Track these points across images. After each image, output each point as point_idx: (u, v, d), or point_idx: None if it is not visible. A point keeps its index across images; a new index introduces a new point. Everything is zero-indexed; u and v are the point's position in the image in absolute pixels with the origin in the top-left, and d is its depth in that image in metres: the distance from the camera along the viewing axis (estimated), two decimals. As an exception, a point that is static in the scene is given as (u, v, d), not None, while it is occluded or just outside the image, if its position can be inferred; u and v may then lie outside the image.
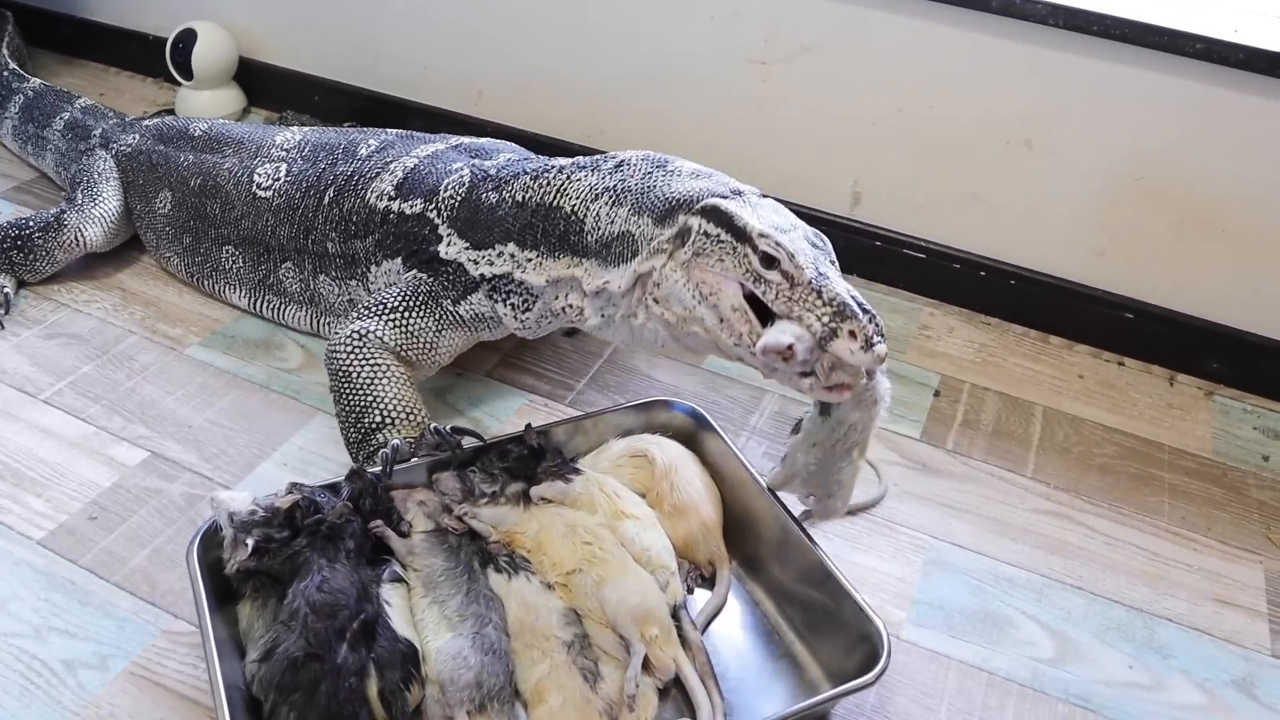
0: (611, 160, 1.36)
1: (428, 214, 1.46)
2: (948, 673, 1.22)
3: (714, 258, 1.16)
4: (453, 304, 1.43)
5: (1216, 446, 1.62)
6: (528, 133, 2.10)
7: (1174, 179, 1.65)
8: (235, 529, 1.14)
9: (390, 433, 1.33)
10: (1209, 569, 1.39)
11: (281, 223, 1.60)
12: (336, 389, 1.37)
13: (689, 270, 1.19)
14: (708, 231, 1.17)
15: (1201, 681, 1.24)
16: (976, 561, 1.37)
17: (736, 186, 1.25)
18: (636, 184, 1.29)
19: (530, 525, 1.24)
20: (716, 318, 1.17)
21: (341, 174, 1.57)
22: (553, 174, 1.38)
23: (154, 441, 1.45)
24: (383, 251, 1.50)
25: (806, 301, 1.08)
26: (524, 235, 1.38)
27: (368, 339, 1.38)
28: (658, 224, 1.24)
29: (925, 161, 1.81)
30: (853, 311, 1.06)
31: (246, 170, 1.65)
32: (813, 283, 1.09)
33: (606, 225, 1.30)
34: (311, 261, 1.59)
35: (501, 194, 1.41)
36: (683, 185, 1.25)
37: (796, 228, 1.17)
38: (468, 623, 1.13)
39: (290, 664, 1.03)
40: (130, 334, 1.66)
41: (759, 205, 1.21)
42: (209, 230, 1.69)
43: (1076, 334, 1.83)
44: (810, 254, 1.12)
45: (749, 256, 1.13)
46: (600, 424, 1.39)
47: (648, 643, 1.13)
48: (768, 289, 1.12)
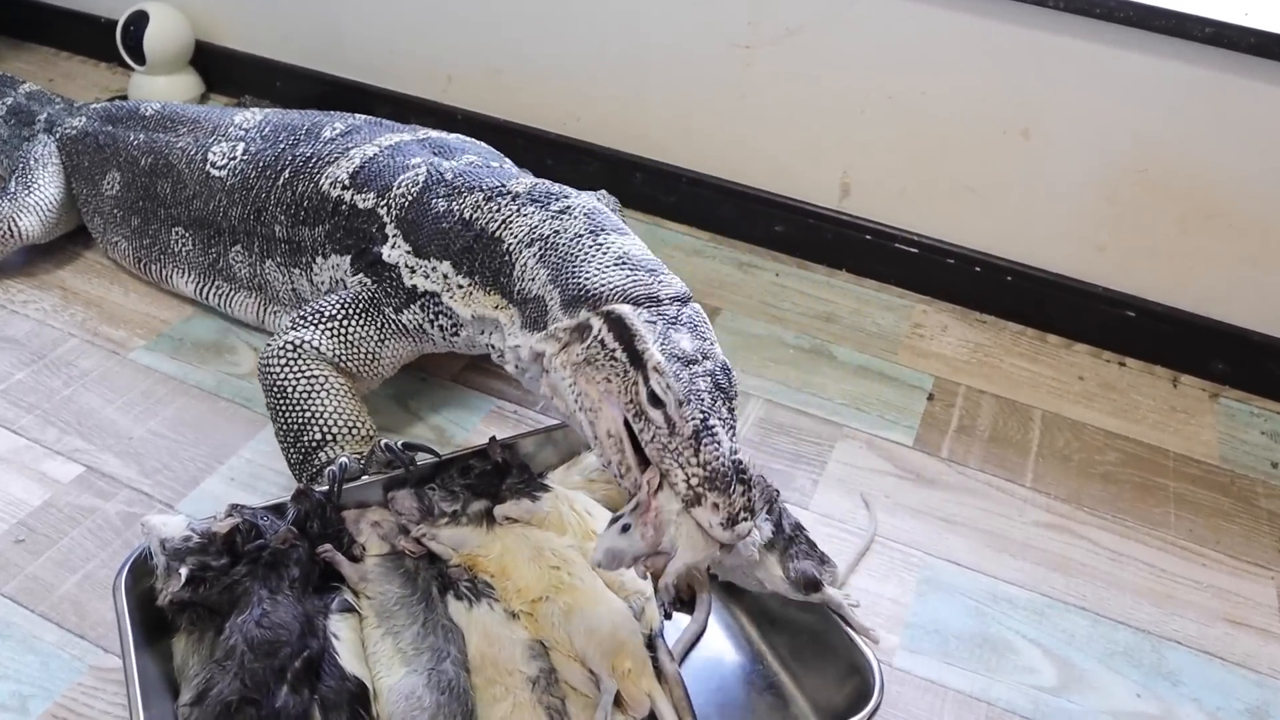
0: (560, 202, 1.24)
1: (378, 210, 1.36)
2: (944, 704, 1.13)
3: (602, 373, 1.05)
4: (394, 311, 1.32)
5: (1223, 452, 1.54)
6: (499, 120, 2.00)
7: (1179, 171, 1.57)
8: (168, 557, 1.04)
9: (333, 450, 1.23)
10: (1219, 586, 1.31)
11: (234, 203, 1.50)
12: (272, 405, 1.27)
13: (575, 373, 1.07)
14: (604, 341, 1.05)
15: (1214, 710, 1.16)
16: (974, 580, 1.28)
17: (660, 292, 1.09)
18: (565, 246, 1.16)
19: (494, 547, 1.15)
20: (591, 434, 1.07)
21: (301, 155, 1.47)
22: (505, 201, 1.26)
23: (91, 455, 1.35)
24: (331, 244, 1.40)
25: (680, 456, 0.97)
26: (461, 258, 1.27)
27: (303, 350, 1.27)
28: (563, 308, 1.11)
29: (917, 151, 1.72)
30: (725, 483, 0.95)
31: (201, 149, 1.55)
32: (692, 438, 0.97)
33: (529, 281, 1.18)
34: (260, 244, 1.49)
35: (450, 204, 1.30)
36: (601, 274, 1.11)
37: (707, 359, 1.04)
38: (423, 657, 1.04)
39: (224, 709, 0.94)
40: (70, 337, 1.55)
41: (673, 324, 1.06)
42: (158, 211, 1.59)
43: (1075, 332, 1.75)
44: (706, 401, 0.99)
45: (638, 386, 1.01)
46: (571, 435, 1.30)
47: (620, 677, 1.04)
48: (646, 428, 1.00)
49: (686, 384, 0.99)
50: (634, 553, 0.98)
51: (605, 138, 1.93)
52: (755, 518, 0.98)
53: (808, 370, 1.61)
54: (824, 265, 1.87)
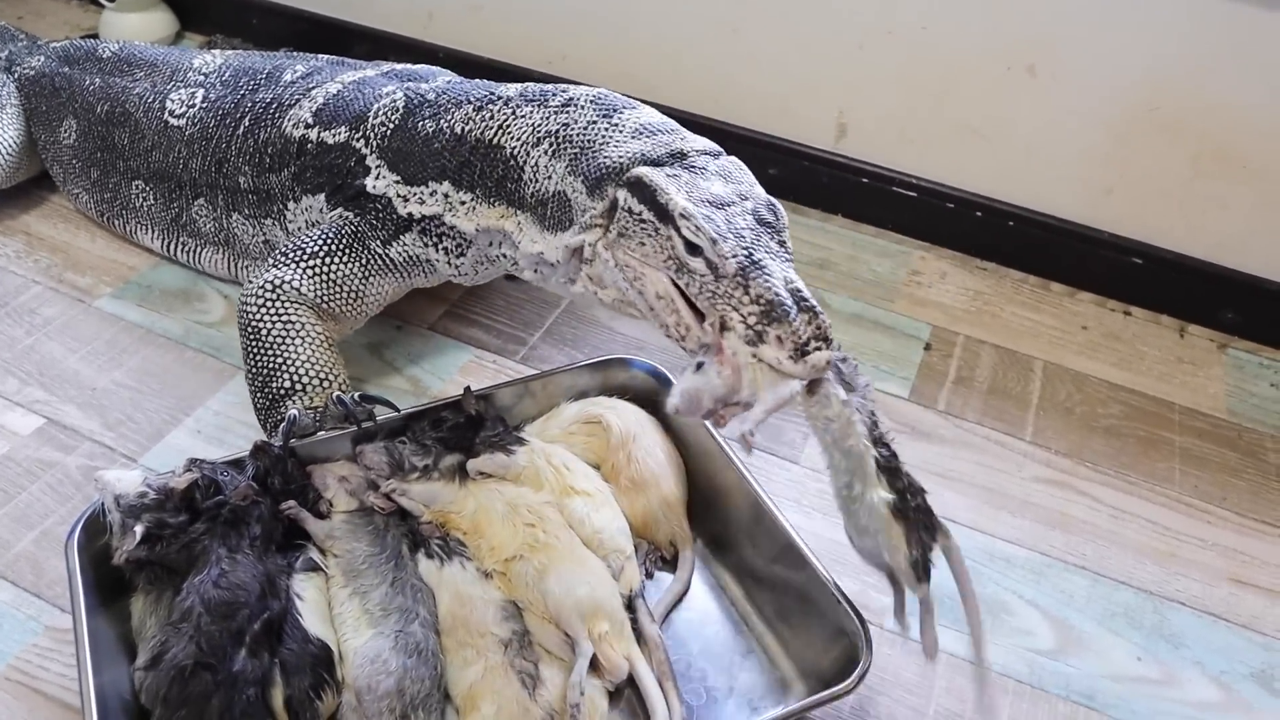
0: (561, 96, 1.18)
1: (353, 142, 1.29)
2: (936, 668, 1.09)
3: (636, 240, 1.02)
4: (381, 245, 1.27)
5: (1230, 405, 1.48)
6: (482, 59, 1.91)
7: (1192, 109, 1.49)
8: (123, 513, 0.99)
9: (301, 399, 1.17)
10: (1224, 544, 1.26)
11: (194, 155, 1.43)
12: (246, 347, 1.21)
13: (613, 251, 1.05)
14: (632, 209, 1.02)
15: (1217, 675, 1.11)
16: (970, 538, 1.23)
17: (681, 147, 1.06)
18: (578, 136, 1.12)
19: (467, 504, 1.10)
20: (645, 304, 1.03)
21: (260, 101, 1.40)
22: (497, 106, 1.21)
23: (51, 406, 1.29)
24: (301, 186, 1.34)
25: (732, 298, 0.93)
26: (460, 174, 1.21)
27: (283, 290, 1.22)
28: (589, 193, 1.08)
29: (917, 89, 1.64)
30: (784, 313, 0.89)
31: (159, 96, 1.48)
32: (738, 274, 0.93)
33: (544, 180, 1.14)
34: (224, 198, 1.42)
35: (439, 124, 1.23)
36: (619, 148, 1.07)
37: (744, 200, 1.00)
38: (391, 618, 1.00)
39: (178, 673, 0.90)
40: (34, 284, 1.49)
41: (700, 173, 1.03)
42: (117, 163, 1.51)
43: (1080, 280, 1.68)
44: (747, 237, 0.95)
45: (672, 240, 0.97)
46: (550, 385, 1.24)
47: (596, 640, 0.99)
48: (691, 280, 0.97)
49: (721, 224, 0.95)
50: (712, 393, 0.91)
51: (592, 76, 1.85)
52: (830, 346, 0.90)
53: (801, 319, 1.55)
54: (819, 209, 1.80)
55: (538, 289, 1.54)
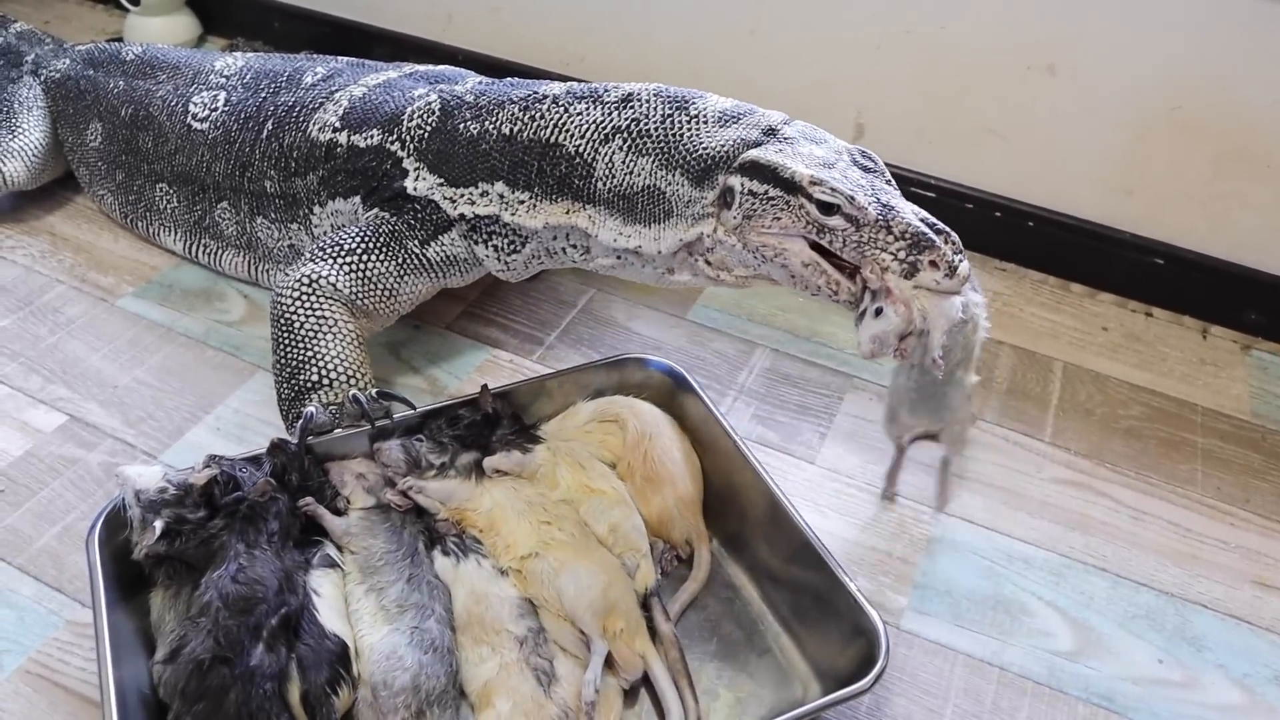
0: (616, 92, 1.19)
1: (387, 145, 1.30)
2: (954, 669, 1.08)
3: (768, 217, 1.05)
4: (419, 245, 1.28)
5: (1254, 407, 1.47)
6: (501, 60, 1.92)
7: (1214, 108, 1.48)
8: (143, 509, 1.00)
9: (327, 394, 1.18)
10: (1248, 547, 1.25)
11: (217, 158, 1.44)
12: (276, 338, 1.22)
13: (743, 235, 1.08)
14: (754, 190, 1.06)
15: (1240, 678, 1.10)
16: (988, 539, 1.22)
17: (767, 123, 1.11)
18: (657, 130, 1.14)
19: (483, 501, 1.10)
20: (788, 275, 1.08)
21: (283, 104, 1.41)
22: (546, 105, 1.22)
23: (74, 404, 1.30)
24: (328, 190, 1.34)
25: (878, 241, 1.00)
26: (515, 174, 1.22)
27: (319, 285, 1.22)
28: (695, 185, 1.11)
29: (936, 89, 1.63)
30: (929, 240, 0.98)
31: (181, 99, 1.49)
32: (879, 219, 1.00)
33: (624, 175, 1.15)
34: (248, 201, 1.43)
35: (484, 125, 1.24)
36: (714, 138, 1.11)
37: (841, 155, 1.07)
38: (407, 615, 1.00)
39: (196, 667, 0.90)
40: (58, 283, 1.51)
41: (797, 142, 1.08)
42: (141, 166, 1.53)
43: (1101, 281, 1.67)
44: (866, 185, 1.03)
45: (805, 208, 1.02)
46: (566, 384, 1.24)
47: (611, 638, 0.99)
48: (834, 238, 1.02)
49: (845, 181, 1.01)
50: (896, 331, 0.98)
51: (610, 77, 1.83)
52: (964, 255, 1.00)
53: (817, 319, 1.55)
54: (838, 211, 1.80)
55: (553, 289, 1.55)
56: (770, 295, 1.58)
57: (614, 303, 1.54)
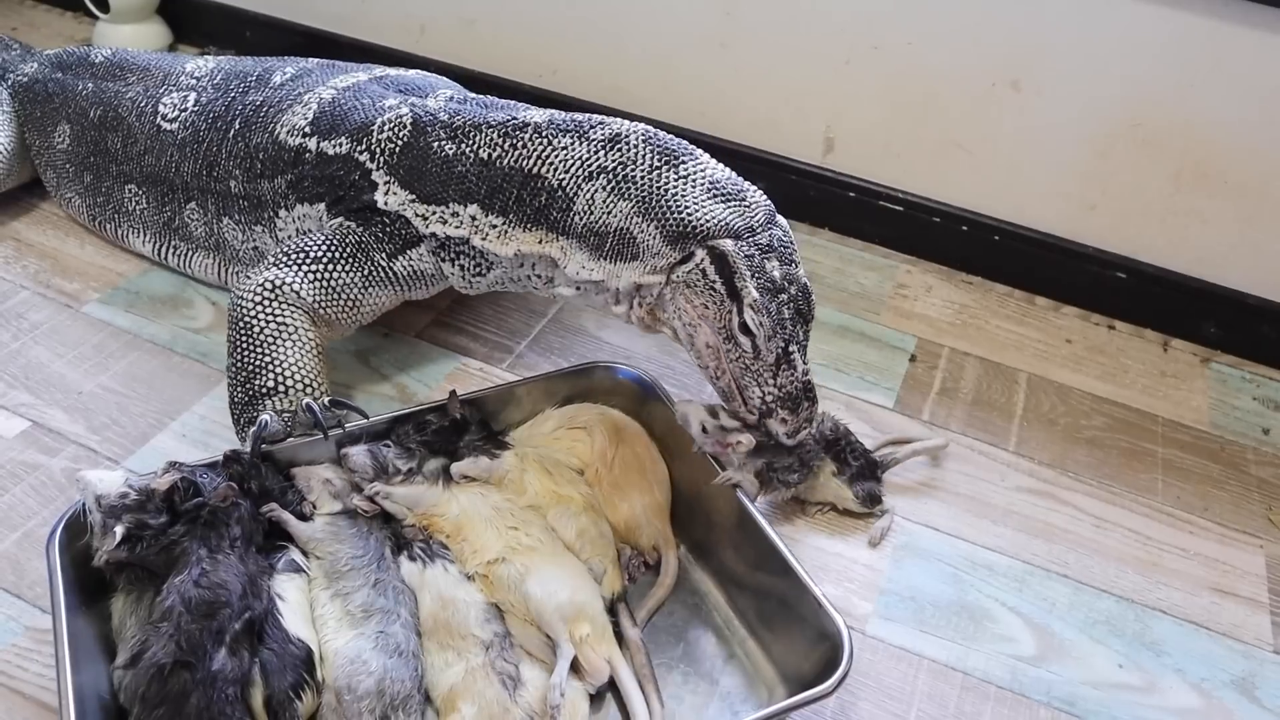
0: (602, 130, 1.19)
1: (355, 156, 1.29)
2: (918, 673, 1.09)
3: (701, 298, 1.12)
4: (386, 259, 1.27)
5: (1214, 418, 1.49)
6: (473, 71, 1.93)
7: (1174, 125, 1.51)
8: (104, 514, 0.99)
9: (281, 401, 1.17)
10: (1206, 554, 1.27)
11: (186, 158, 1.43)
12: (234, 341, 1.21)
13: (674, 292, 1.14)
14: (706, 272, 1.11)
15: (1198, 682, 1.12)
16: (953, 546, 1.23)
17: (754, 219, 1.13)
18: (643, 179, 1.15)
19: (450, 507, 1.10)
20: (688, 340, 1.17)
21: (251, 104, 1.40)
22: (528, 135, 1.21)
23: (37, 410, 1.29)
24: (296, 194, 1.34)
25: (760, 377, 1.11)
26: (491, 199, 1.22)
27: (281, 291, 1.21)
28: (667, 242, 1.13)
29: (903, 104, 1.66)
30: (794, 403, 1.11)
31: (151, 100, 1.48)
32: (773, 365, 1.10)
33: (602, 214, 1.16)
34: (215, 202, 1.42)
35: (461, 147, 1.24)
36: (701, 209, 1.12)
37: (792, 285, 1.12)
38: (372, 620, 0.99)
39: (157, 672, 0.89)
40: (21, 289, 1.49)
41: (768, 253, 1.11)
42: (110, 167, 1.52)
43: (1064, 294, 1.69)
44: (787, 329, 1.10)
45: (732, 315, 1.10)
46: (535, 391, 1.25)
47: (578, 642, 0.99)
48: (732, 349, 1.12)
49: (774, 315, 1.09)
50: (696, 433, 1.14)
51: (582, 90, 1.87)
52: (813, 426, 1.14)
53: (787, 330, 1.56)
54: (806, 223, 1.81)
55: (523, 298, 1.55)
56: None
57: (584, 312, 1.55)
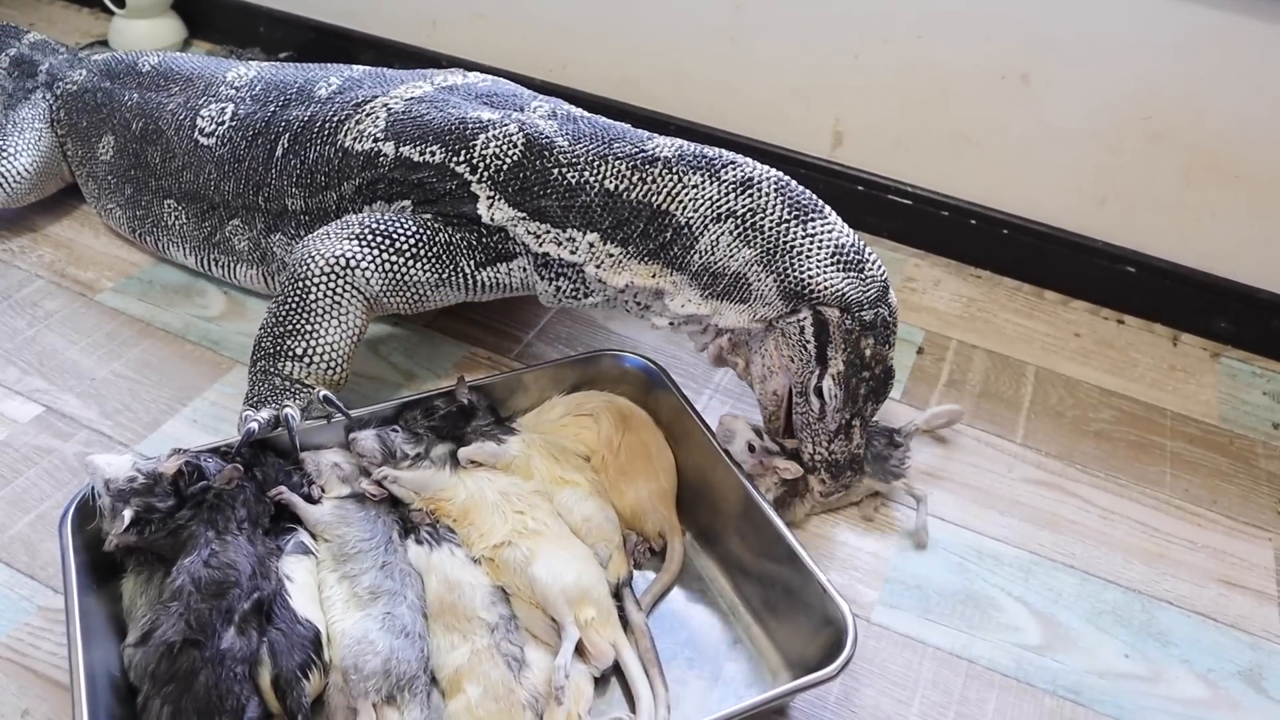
0: (734, 172, 1.18)
1: (453, 166, 1.25)
2: (922, 661, 1.09)
3: (790, 351, 1.17)
4: (474, 267, 1.26)
5: (1223, 412, 1.49)
6: (484, 66, 1.93)
7: (1185, 118, 1.50)
8: (112, 497, 1.00)
9: (299, 368, 1.17)
10: (1214, 547, 1.26)
11: (225, 176, 1.41)
12: (285, 293, 1.19)
13: (765, 336, 1.19)
14: (804, 329, 1.15)
15: (1205, 672, 1.11)
16: (958, 536, 1.24)
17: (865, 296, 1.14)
18: (771, 231, 1.15)
19: (458, 491, 1.11)
20: (760, 382, 1.23)
21: (297, 119, 1.36)
22: (658, 169, 1.20)
23: (51, 395, 1.31)
24: (365, 196, 1.31)
25: (818, 439, 1.17)
26: (615, 230, 1.21)
27: (350, 273, 1.19)
28: (781, 296, 1.15)
29: (913, 98, 1.66)
30: (837, 471, 1.17)
31: (190, 113, 1.45)
32: (830, 433, 1.16)
33: (724, 257, 1.17)
34: (264, 220, 1.40)
35: (584, 176, 1.22)
36: (823, 275, 1.14)
37: (877, 366, 1.16)
38: (379, 601, 1.00)
39: (166, 650, 0.91)
40: (37, 278, 1.51)
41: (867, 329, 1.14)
42: (149, 181, 1.50)
43: (1073, 289, 1.69)
44: (857, 404, 1.15)
45: (814, 375, 1.15)
46: (543, 379, 1.25)
47: (583, 626, 1.00)
48: (802, 405, 1.17)
49: (850, 391, 1.14)
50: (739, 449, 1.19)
51: (592, 85, 1.87)
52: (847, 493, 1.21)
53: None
54: (816, 218, 1.81)
55: (534, 289, 1.56)
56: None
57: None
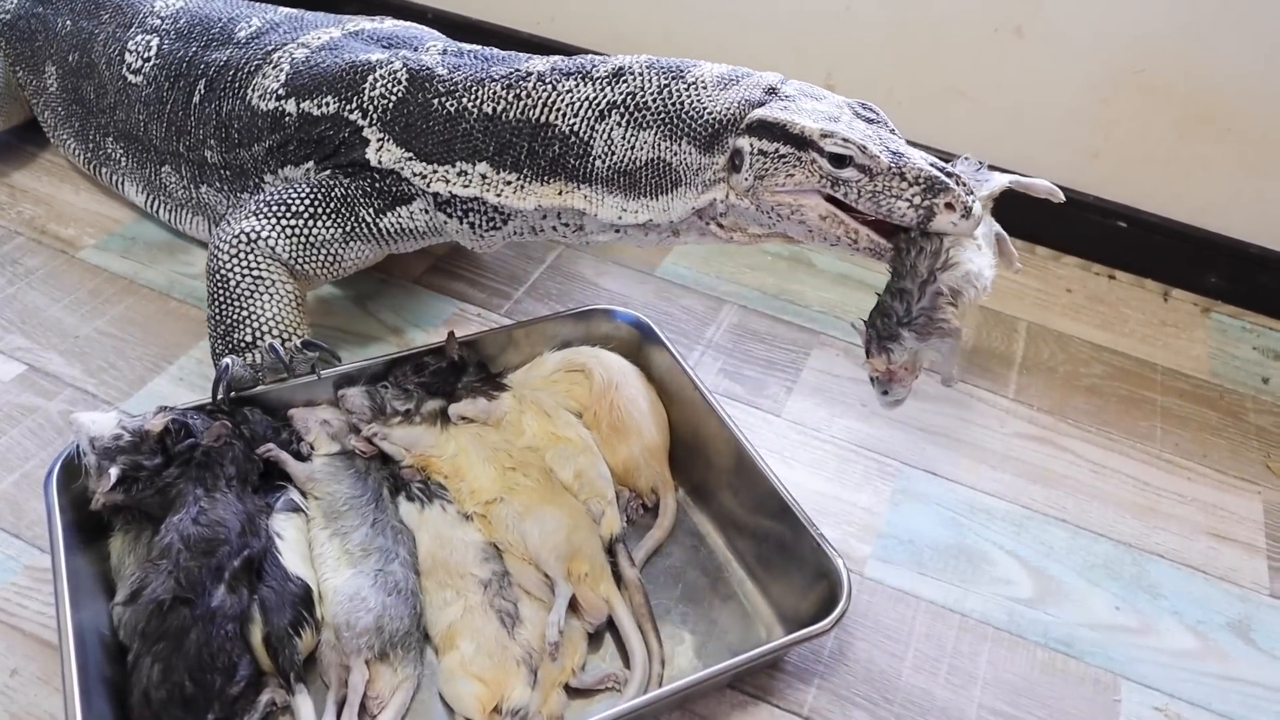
0: (604, 66, 1.15)
1: (346, 114, 1.23)
2: (915, 614, 1.09)
3: (781, 175, 1.04)
4: (374, 215, 1.23)
5: (1213, 367, 1.49)
6: (470, 19, 1.90)
7: (1177, 71, 1.49)
8: (98, 455, 0.98)
9: (259, 355, 1.15)
10: (1204, 500, 1.27)
11: (153, 118, 1.37)
12: (211, 293, 1.18)
13: (757, 195, 1.06)
14: (764, 150, 1.04)
15: (1194, 624, 1.12)
16: (951, 491, 1.24)
17: (766, 83, 1.08)
18: (655, 101, 1.10)
19: (448, 448, 1.10)
20: (805, 230, 1.07)
21: (215, 63, 1.33)
22: (531, 83, 1.16)
23: (33, 354, 1.29)
24: (278, 159, 1.29)
25: (892, 189, 0.99)
26: (501, 155, 1.18)
27: (257, 245, 1.18)
28: (703, 152, 1.08)
29: (905, 51, 1.64)
30: (942, 183, 0.98)
31: (119, 45, 1.41)
32: (892, 167, 0.99)
33: (625, 151, 1.12)
34: (190, 169, 1.37)
35: (463, 103, 1.18)
36: (717, 101, 1.08)
37: (843, 109, 1.06)
38: (371, 558, 1.00)
39: (156, 608, 0.90)
40: (16, 235, 1.48)
41: (798, 99, 1.07)
42: (90, 117, 1.48)
43: (1065, 244, 1.68)
44: (873, 135, 1.01)
45: (817, 162, 1.01)
46: (534, 334, 1.24)
47: (576, 582, 1.00)
48: (849, 189, 1.01)
49: (849, 128, 1.01)
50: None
51: (580, 38, 1.84)
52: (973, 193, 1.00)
53: (785, 278, 1.55)
54: (807, 173, 1.80)
55: (521, 245, 1.54)
56: (740, 254, 1.58)
57: (582, 259, 1.54)
